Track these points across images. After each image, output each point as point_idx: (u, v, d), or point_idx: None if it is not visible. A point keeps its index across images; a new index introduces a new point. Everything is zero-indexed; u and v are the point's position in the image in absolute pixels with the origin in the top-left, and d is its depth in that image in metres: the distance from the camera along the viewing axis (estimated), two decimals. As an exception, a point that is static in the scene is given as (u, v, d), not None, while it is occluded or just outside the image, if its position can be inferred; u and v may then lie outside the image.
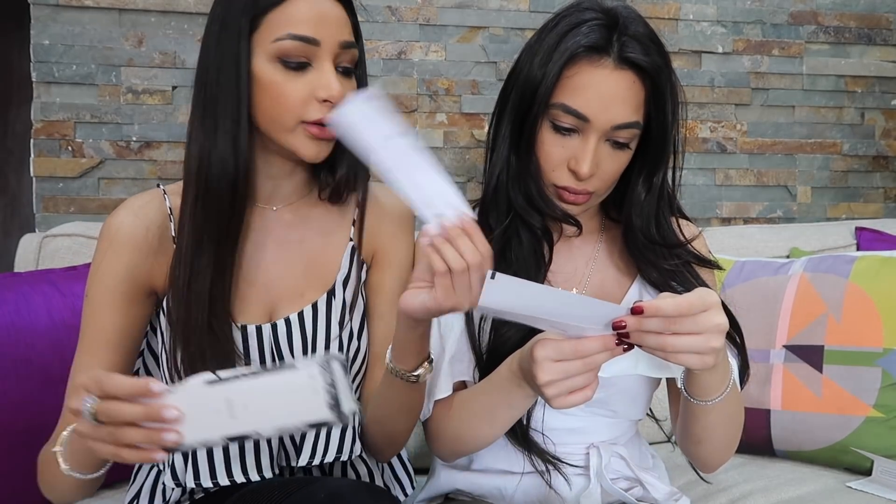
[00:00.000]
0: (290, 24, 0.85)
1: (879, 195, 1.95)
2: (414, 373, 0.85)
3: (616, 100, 0.89)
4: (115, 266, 0.90)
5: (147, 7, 1.60)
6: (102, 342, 0.90)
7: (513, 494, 1.00)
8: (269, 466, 0.91)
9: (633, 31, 0.90)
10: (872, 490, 1.22)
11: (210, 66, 0.88)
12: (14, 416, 1.11)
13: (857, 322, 1.33)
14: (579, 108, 0.89)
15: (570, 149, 0.91)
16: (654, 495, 0.98)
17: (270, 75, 0.86)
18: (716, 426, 0.89)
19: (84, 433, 0.71)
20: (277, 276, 0.96)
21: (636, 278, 1.02)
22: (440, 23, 1.71)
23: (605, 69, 0.89)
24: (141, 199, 0.95)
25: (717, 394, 0.84)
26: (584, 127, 0.90)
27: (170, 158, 1.63)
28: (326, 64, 0.87)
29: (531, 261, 0.96)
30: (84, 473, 0.82)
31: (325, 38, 0.86)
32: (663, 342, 0.72)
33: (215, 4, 0.90)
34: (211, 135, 0.87)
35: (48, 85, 1.58)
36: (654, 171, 0.97)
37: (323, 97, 0.86)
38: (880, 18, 1.92)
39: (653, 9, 1.80)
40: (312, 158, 0.90)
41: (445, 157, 1.73)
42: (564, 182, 0.93)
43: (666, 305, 0.71)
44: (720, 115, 1.85)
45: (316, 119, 0.87)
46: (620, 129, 0.90)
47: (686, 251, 1.00)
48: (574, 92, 0.89)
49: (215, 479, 0.90)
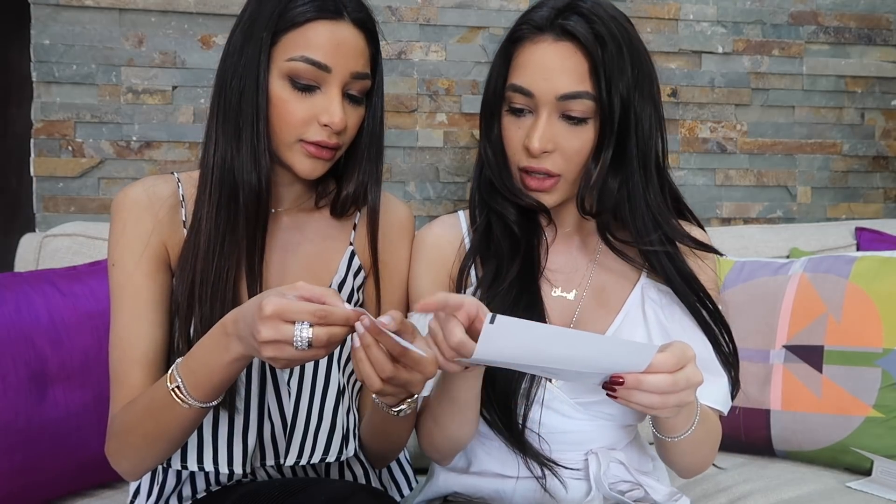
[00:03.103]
0: (306, 46, 0.87)
1: (879, 195, 1.95)
2: (396, 408, 0.85)
3: (555, 70, 0.90)
4: (138, 231, 0.92)
5: (147, 7, 1.60)
6: (143, 303, 0.90)
7: (511, 498, 0.99)
8: (240, 462, 0.91)
9: (581, 7, 0.91)
10: (872, 490, 1.22)
11: (231, 73, 0.90)
12: (14, 416, 1.11)
13: (857, 322, 1.33)
14: (523, 84, 0.92)
15: (525, 128, 0.93)
16: (654, 497, 0.97)
17: (279, 91, 0.89)
18: (685, 453, 0.92)
19: (286, 359, 0.71)
20: (276, 278, 0.96)
21: (638, 281, 1.01)
22: (440, 23, 1.71)
23: (545, 42, 0.91)
24: (152, 179, 0.97)
25: (684, 430, 0.86)
26: (534, 104, 0.92)
27: (170, 158, 1.63)
28: (334, 90, 0.89)
29: (505, 246, 0.97)
30: (209, 402, 0.81)
31: (337, 67, 0.88)
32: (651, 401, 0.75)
33: (243, 11, 0.92)
34: (233, 141, 0.90)
35: (48, 85, 1.58)
36: (601, 144, 0.92)
37: (324, 122, 0.89)
38: (880, 18, 1.92)
39: (653, 9, 1.80)
40: (307, 175, 0.92)
41: (445, 157, 1.73)
42: (524, 163, 0.94)
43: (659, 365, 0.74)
44: (720, 116, 1.85)
45: (315, 140, 0.89)
46: (567, 99, 0.90)
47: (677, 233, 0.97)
48: (519, 70, 0.93)
49: (185, 462, 0.91)
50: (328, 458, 0.93)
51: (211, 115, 0.92)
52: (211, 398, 0.81)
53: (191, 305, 0.89)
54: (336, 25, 0.88)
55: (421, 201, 1.73)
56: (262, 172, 0.89)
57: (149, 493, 0.99)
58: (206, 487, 0.98)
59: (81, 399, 1.18)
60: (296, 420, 0.93)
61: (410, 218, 1.07)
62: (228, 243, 0.89)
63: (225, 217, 0.90)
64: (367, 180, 0.98)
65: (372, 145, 0.97)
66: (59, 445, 1.15)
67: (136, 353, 0.89)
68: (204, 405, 0.80)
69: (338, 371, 0.95)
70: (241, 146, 0.89)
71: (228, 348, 0.75)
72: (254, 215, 0.90)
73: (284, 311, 0.69)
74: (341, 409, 0.95)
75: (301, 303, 0.70)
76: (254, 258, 0.91)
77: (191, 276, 0.89)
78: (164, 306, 0.92)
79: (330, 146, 0.90)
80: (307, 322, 0.69)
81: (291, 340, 0.69)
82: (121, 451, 0.88)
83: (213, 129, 0.92)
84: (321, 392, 0.94)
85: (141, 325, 0.89)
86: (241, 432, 0.92)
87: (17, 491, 1.12)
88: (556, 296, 1.00)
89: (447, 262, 1.01)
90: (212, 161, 0.91)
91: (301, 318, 0.69)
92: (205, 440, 0.91)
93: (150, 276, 0.91)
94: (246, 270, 0.90)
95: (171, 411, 0.81)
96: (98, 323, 1.20)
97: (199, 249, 0.89)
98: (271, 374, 0.93)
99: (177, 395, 0.79)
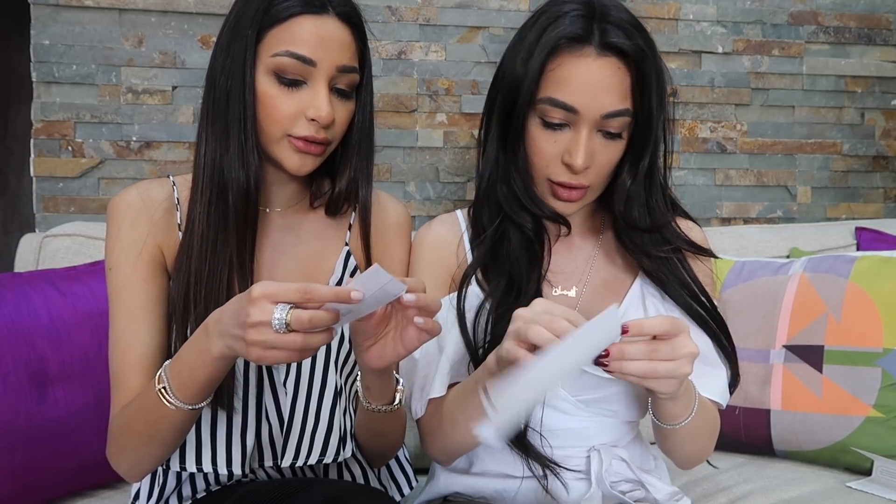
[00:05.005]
0: (291, 41, 0.88)
1: (879, 195, 1.95)
2: (393, 404, 0.86)
3: (602, 88, 0.89)
4: (133, 236, 0.92)
5: (147, 7, 1.60)
6: (140, 306, 0.91)
7: (513, 498, 0.99)
8: (239, 463, 0.92)
9: (614, 17, 0.89)
10: (872, 490, 1.22)
11: (219, 72, 0.90)
12: (14, 416, 1.11)
13: (857, 322, 1.33)
14: (566, 100, 0.89)
15: (563, 143, 0.91)
16: (656, 496, 0.97)
17: (265, 87, 0.89)
18: (684, 442, 0.93)
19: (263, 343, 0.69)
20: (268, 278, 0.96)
21: (637, 276, 1.02)
22: (440, 23, 1.71)
23: (588, 57, 0.88)
24: (147, 183, 0.97)
25: (683, 418, 0.87)
26: (574, 119, 0.90)
27: (170, 158, 1.63)
28: (320, 84, 0.89)
29: (523, 260, 0.96)
30: (194, 404, 0.81)
31: (323, 60, 0.88)
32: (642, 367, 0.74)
33: (230, 11, 0.92)
34: (222, 140, 0.90)
35: (48, 85, 1.58)
36: (639, 157, 0.95)
37: (311, 116, 0.88)
38: (880, 18, 1.92)
39: (653, 9, 1.80)
40: (296, 171, 0.92)
41: (445, 157, 1.73)
42: (560, 177, 0.92)
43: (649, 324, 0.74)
44: (720, 115, 1.85)
45: (302, 135, 0.89)
46: (611, 117, 0.90)
47: (676, 237, 1.00)
48: (559, 84, 0.89)
49: (184, 463, 0.91)
50: (325, 459, 0.93)
51: (202, 116, 0.93)
52: (195, 400, 0.80)
53: (186, 307, 0.89)
54: (320, 20, 0.88)
55: (421, 201, 1.73)
56: (251, 170, 0.90)
57: (149, 493, 0.99)
58: (206, 487, 0.98)
59: (81, 399, 1.18)
60: (292, 421, 0.93)
61: (406, 217, 1.06)
62: (220, 243, 0.89)
63: (215, 217, 0.90)
64: (358, 176, 0.97)
65: (362, 141, 0.97)
66: (59, 445, 1.15)
67: (134, 356, 0.89)
68: (190, 407, 0.80)
69: (335, 372, 0.95)
70: (229, 145, 0.89)
71: (210, 347, 0.75)
72: (243, 214, 0.90)
73: (273, 292, 0.69)
74: (338, 411, 0.95)
75: (288, 284, 0.70)
76: (244, 257, 0.91)
77: (186, 278, 0.89)
78: (161, 309, 0.92)
79: (318, 141, 0.90)
80: (290, 305, 0.69)
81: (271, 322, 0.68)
82: (119, 453, 0.88)
83: (203, 129, 0.92)
84: (318, 393, 0.94)
85: (138, 329, 0.90)
86: (239, 433, 0.92)
87: (18, 491, 1.12)
88: (558, 294, 1.00)
89: (447, 261, 1.01)
90: (202, 161, 0.91)
91: (287, 296, 0.69)
92: (203, 441, 0.91)
93: (146, 279, 0.91)
94: (237, 270, 0.90)
95: (160, 412, 0.81)
96: (98, 323, 1.20)
97: (193, 251, 0.89)
98: (268, 376, 0.93)
99: (163, 395, 0.79)
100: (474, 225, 1.03)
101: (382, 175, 1.71)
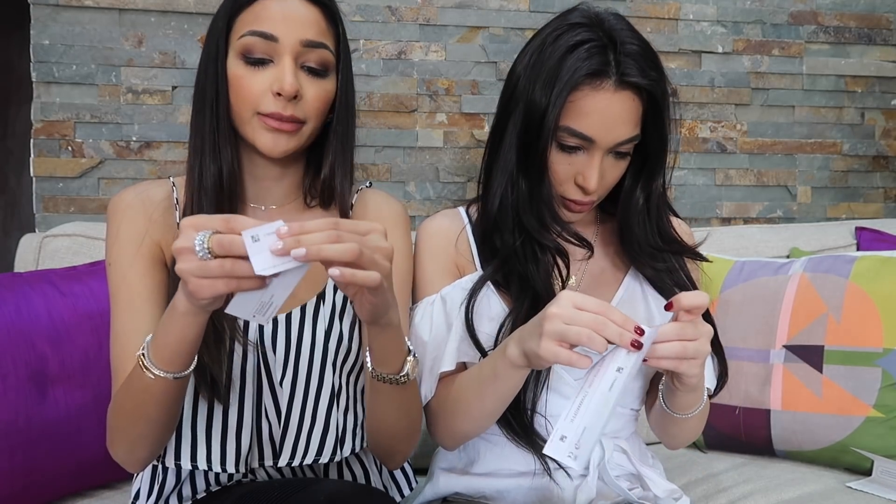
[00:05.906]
0: (255, 21, 0.90)
1: (879, 195, 1.95)
2: (401, 373, 0.85)
3: (619, 120, 0.93)
4: (131, 232, 0.93)
5: (147, 7, 1.60)
6: (140, 300, 0.91)
7: (514, 497, 0.99)
8: (233, 462, 0.92)
9: (629, 49, 0.92)
10: (872, 490, 1.22)
11: (201, 70, 0.94)
12: (14, 417, 1.11)
13: (857, 322, 1.33)
14: (584, 131, 0.92)
15: (577, 165, 0.95)
16: (655, 491, 0.98)
17: (234, 69, 0.91)
18: (688, 429, 1.00)
19: (189, 270, 0.68)
20: None
21: (630, 269, 1.05)
22: (440, 23, 1.71)
23: (607, 92, 0.91)
24: (146, 184, 1.00)
25: (695, 408, 0.93)
26: (589, 146, 0.94)
27: (170, 158, 1.63)
28: (286, 59, 0.90)
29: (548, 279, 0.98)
30: (175, 372, 0.79)
31: (285, 36, 0.89)
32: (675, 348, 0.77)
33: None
34: (200, 131, 0.93)
35: (48, 85, 1.58)
36: (652, 177, 1.01)
37: (275, 90, 0.89)
38: (880, 18, 1.92)
39: (653, 9, 1.80)
40: (268, 151, 0.92)
41: (445, 157, 1.73)
42: (572, 196, 0.97)
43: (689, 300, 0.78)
44: (720, 115, 1.85)
45: (270, 111, 0.90)
46: (622, 143, 0.94)
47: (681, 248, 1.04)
48: (578, 116, 0.92)
49: (179, 459, 0.91)
50: (321, 459, 0.93)
51: (192, 115, 0.96)
52: (171, 366, 0.78)
53: None
54: (285, 1, 0.90)
55: (421, 201, 1.73)
56: (225, 160, 0.92)
57: (149, 492, 0.99)
58: (206, 487, 0.98)
59: (81, 399, 1.18)
60: (289, 420, 0.93)
61: (403, 211, 1.07)
62: None
63: (198, 210, 0.91)
64: (335, 160, 0.97)
65: (339, 123, 0.97)
66: (59, 445, 1.15)
67: (132, 347, 0.89)
68: (166, 374, 0.78)
69: (332, 372, 0.95)
70: (205, 136, 0.92)
71: (175, 304, 0.75)
72: (221, 206, 0.91)
73: (197, 221, 0.68)
74: (335, 411, 0.95)
75: (216, 215, 0.69)
76: None
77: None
78: (161, 302, 0.92)
79: (285, 118, 0.90)
80: (211, 231, 0.67)
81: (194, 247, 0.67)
82: (114, 439, 0.88)
83: (191, 127, 0.95)
84: (314, 393, 0.94)
85: (137, 321, 0.90)
86: (234, 432, 0.92)
87: (18, 491, 1.12)
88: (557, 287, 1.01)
89: (450, 250, 1.04)
90: (189, 158, 0.94)
91: (211, 224, 0.68)
92: (198, 438, 0.91)
93: (145, 273, 0.92)
94: None
95: (141, 383, 0.79)
96: (98, 323, 1.20)
97: None
98: (266, 374, 0.94)
99: (141, 362, 0.79)
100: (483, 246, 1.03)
101: (382, 175, 1.71)
